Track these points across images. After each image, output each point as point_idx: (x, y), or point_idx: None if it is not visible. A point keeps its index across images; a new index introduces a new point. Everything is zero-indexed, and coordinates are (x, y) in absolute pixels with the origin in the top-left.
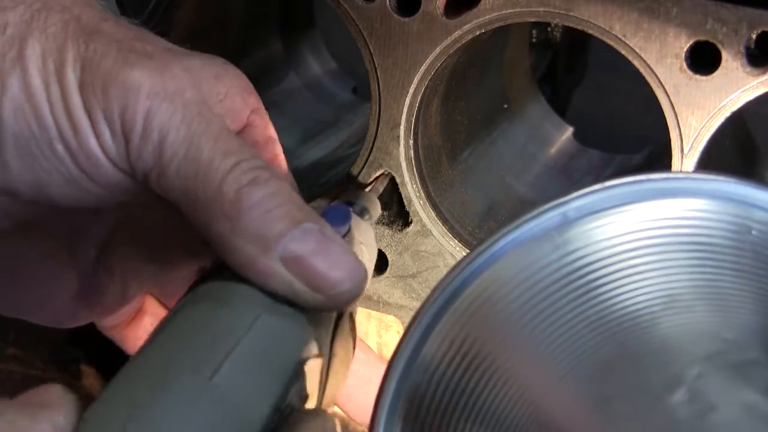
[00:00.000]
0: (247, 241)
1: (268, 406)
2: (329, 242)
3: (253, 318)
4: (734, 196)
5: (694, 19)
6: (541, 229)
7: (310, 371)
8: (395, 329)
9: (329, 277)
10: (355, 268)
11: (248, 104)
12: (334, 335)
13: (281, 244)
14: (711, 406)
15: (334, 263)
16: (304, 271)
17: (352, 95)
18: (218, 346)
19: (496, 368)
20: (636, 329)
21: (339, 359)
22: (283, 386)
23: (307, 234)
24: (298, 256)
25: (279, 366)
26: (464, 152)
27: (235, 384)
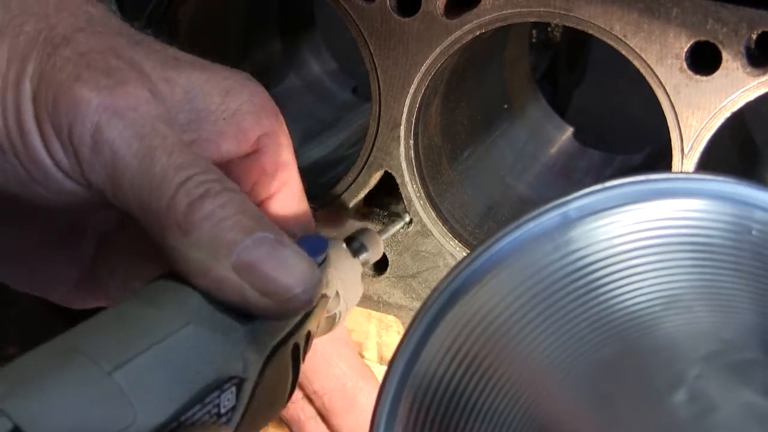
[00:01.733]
0: (199, 250)
1: (163, 415)
2: (282, 248)
3: (179, 325)
4: (734, 196)
5: (695, 19)
6: (542, 229)
7: (230, 392)
8: (395, 329)
9: (280, 281)
10: (308, 274)
11: (262, 125)
12: (268, 363)
13: (234, 252)
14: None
15: (285, 268)
16: (254, 277)
17: (352, 95)
18: (130, 345)
19: (497, 368)
20: (636, 329)
21: (268, 388)
22: (187, 400)
23: (260, 242)
24: (250, 263)
25: (191, 378)
26: (464, 152)
27: (135, 385)
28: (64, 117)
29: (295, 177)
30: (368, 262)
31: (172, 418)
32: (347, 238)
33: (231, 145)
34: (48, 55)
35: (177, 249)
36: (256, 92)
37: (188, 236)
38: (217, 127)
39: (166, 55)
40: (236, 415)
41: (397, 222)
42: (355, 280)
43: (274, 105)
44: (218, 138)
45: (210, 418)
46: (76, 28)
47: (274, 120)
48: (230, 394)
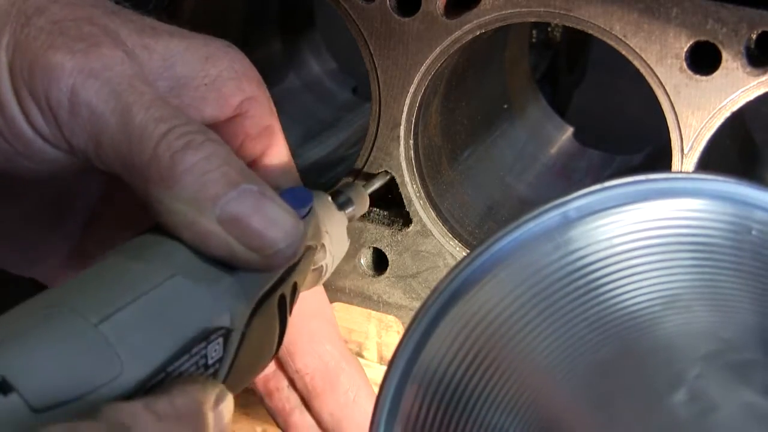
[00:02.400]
0: (183, 203)
1: (150, 366)
2: (267, 201)
3: (164, 277)
4: (734, 196)
5: (695, 19)
6: (542, 229)
7: (217, 343)
8: (395, 329)
9: (265, 235)
10: (292, 228)
11: (243, 91)
12: (255, 314)
13: (218, 205)
14: (711, 405)
15: (270, 222)
16: (240, 231)
17: (352, 95)
18: (116, 297)
19: (497, 368)
20: (636, 329)
21: (255, 340)
22: (174, 351)
23: (245, 194)
24: (235, 216)
25: (177, 329)
26: (464, 152)
27: (121, 337)
28: (40, 83)
29: (280, 138)
30: (354, 216)
31: (159, 369)
32: (332, 192)
33: (213, 110)
34: (21, 25)
35: (161, 202)
36: (237, 59)
37: (172, 189)
38: (198, 93)
39: (144, 24)
40: (223, 366)
41: (380, 177)
42: (341, 233)
43: (255, 71)
44: (200, 103)
45: (197, 369)
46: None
47: (256, 85)
48: (217, 345)
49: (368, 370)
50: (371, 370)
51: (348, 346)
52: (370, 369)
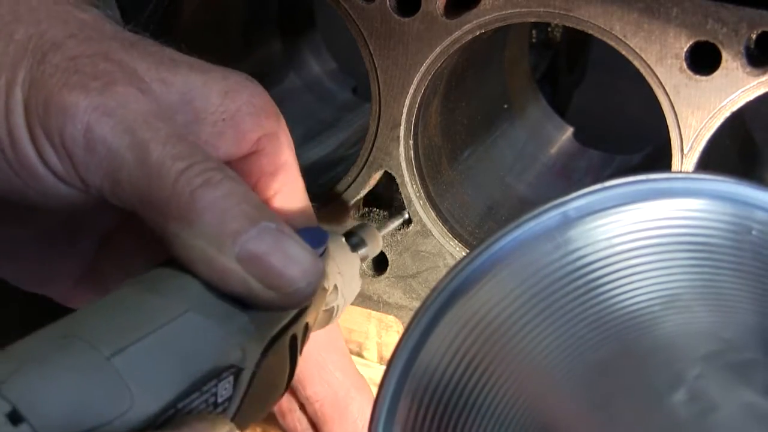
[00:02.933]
0: (203, 240)
1: (160, 402)
2: (286, 239)
3: (179, 312)
4: (734, 196)
5: (694, 19)
6: (542, 229)
7: (228, 381)
8: (395, 329)
9: (285, 274)
10: (311, 266)
11: (262, 127)
12: (266, 353)
13: (238, 243)
14: (711, 406)
15: (290, 260)
16: (259, 269)
17: (352, 95)
18: (130, 330)
19: (496, 368)
20: (636, 329)
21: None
22: (185, 387)
23: (264, 232)
24: (254, 254)
25: (189, 365)
26: (464, 152)
27: (133, 371)
28: (54, 121)
29: (297, 177)
30: (367, 257)
31: (169, 405)
32: (346, 233)
33: (230, 146)
34: (38, 62)
35: (180, 237)
36: (256, 93)
37: (192, 226)
38: (216, 129)
39: (162, 57)
40: (233, 404)
41: (396, 218)
42: (353, 275)
43: (275, 105)
44: (217, 140)
45: (207, 407)
46: (67, 35)
47: (275, 121)
48: (227, 384)
49: (368, 370)
50: (371, 370)
51: (348, 346)
52: (370, 369)
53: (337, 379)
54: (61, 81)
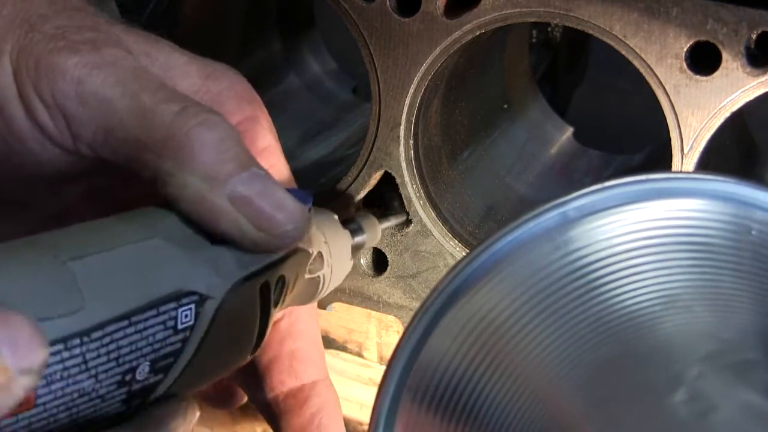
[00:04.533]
0: (198, 178)
1: (112, 311)
2: (274, 187)
3: (145, 237)
4: (734, 196)
5: (695, 19)
6: (541, 229)
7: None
8: (395, 329)
9: (274, 216)
10: (298, 211)
11: (243, 110)
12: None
13: (230, 183)
14: (711, 406)
15: (278, 204)
16: (251, 210)
17: (352, 95)
18: (92, 245)
19: (496, 368)
20: (636, 329)
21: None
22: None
23: (255, 177)
24: (246, 196)
25: (146, 283)
26: (464, 152)
27: (88, 278)
28: (45, 80)
29: (281, 160)
30: (363, 244)
31: (121, 316)
32: (345, 219)
33: None
34: (26, 32)
35: (175, 177)
36: (237, 80)
37: (189, 164)
38: None
39: (147, 36)
40: (194, 335)
41: (398, 216)
42: (342, 252)
43: (256, 93)
44: None
45: (165, 329)
46: (54, 10)
47: (257, 106)
48: (188, 311)
49: (368, 370)
50: (371, 370)
51: (348, 346)
52: (370, 369)
53: (306, 371)
54: (50, 46)
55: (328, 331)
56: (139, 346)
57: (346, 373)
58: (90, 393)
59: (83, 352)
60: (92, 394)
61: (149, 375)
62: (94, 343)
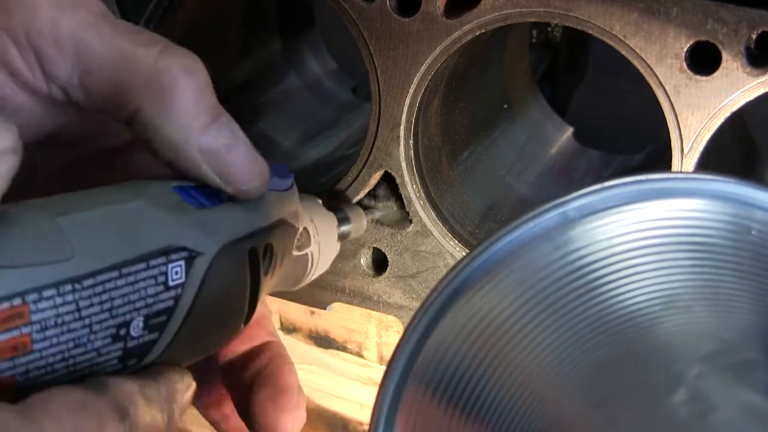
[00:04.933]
0: (174, 126)
1: (101, 261)
2: (240, 141)
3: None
4: (734, 196)
5: (694, 19)
6: (542, 229)
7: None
8: (395, 329)
9: (241, 171)
10: (263, 167)
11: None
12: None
13: (202, 135)
14: (711, 406)
15: (245, 160)
16: (217, 163)
17: (352, 95)
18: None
19: (496, 368)
20: (636, 329)
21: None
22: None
23: (222, 128)
24: (215, 148)
25: (135, 238)
26: (464, 152)
27: (76, 230)
28: (18, 19)
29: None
30: (349, 233)
31: (111, 266)
32: (333, 208)
33: None
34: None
35: (151, 122)
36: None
37: (169, 109)
38: None
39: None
40: (186, 293)
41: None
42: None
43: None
44: None
45: (156, 285)
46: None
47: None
48: (179, 268)
49: (368, 370)
50: (371, 370)
51: (348, 346)
52: (370, 369)
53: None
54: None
55: (328, 331)
56: (132, 299)
57: (346, 373)
58: (85, 344)
59: (76, 300)
60: (87, 346)
61: (143, 332)
62: (86, 291)
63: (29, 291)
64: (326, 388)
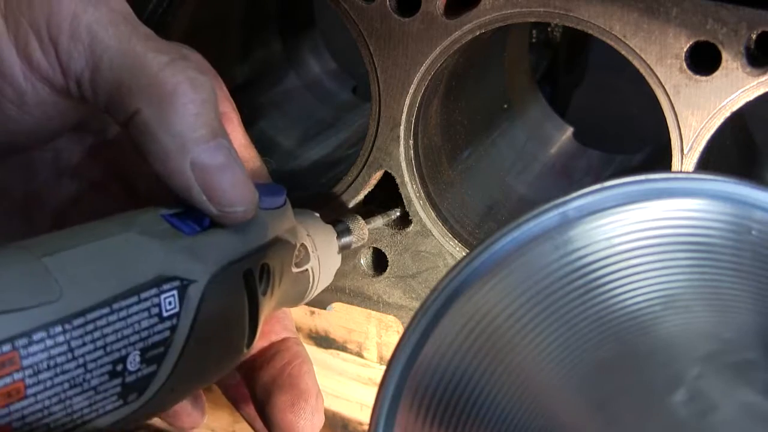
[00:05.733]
0: (169, 134)
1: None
2: (235, 164)
3: (120, 231)
4: (734, 196)
5: (694, 19)
6: (541, 229)
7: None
8: (395, 329)
9: (228, 192)
10: (252, 194)
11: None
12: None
13: (197, 149)
14: (711, 406)
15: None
16: (207, 181)
17: (352, 95)
18: (66, 240)
19: (496, 368)
20: (636, 329)
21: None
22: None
23: (220, 149)
24: (207, 165)
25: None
26: (464, 152)
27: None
28: (39, 11)
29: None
30: (350, 244)
31: (101, 303)
32: (333, 220)
33: None
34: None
35: (148, 126)
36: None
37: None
38: None
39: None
40: (182, 323)
41: (386, 215)
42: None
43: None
44: None
45: (150, 317)
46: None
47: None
48: (172, 298)
49: (368, 370)
50: (371, 370)
51: (348, 346)
52: (370, 369)
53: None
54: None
55: (328, 331)
56: (125, 334)
57: (346, 373)
58: (81, 384)
59: (67, 340)
60: (84, 385)
61: (141, 366)
62: (77, 330)
63: (18, 336)
64: (326, 388)
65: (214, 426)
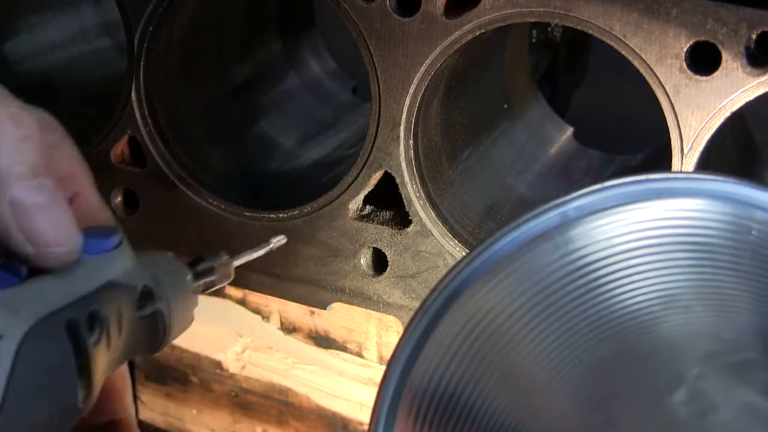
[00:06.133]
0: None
1: None
2: (56, 205)
3: None
4: (734, 196)
5: (694, 19)
6: (541, 229)
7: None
8: (395, 329)
9: (48, 233)
10: (75, 235)
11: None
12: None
13: (16, 187)
14: (711, 406)
15: (55, 224)
16: (25, 221)
17: (352, 95)
18: None
19: (496, 368)
20: (636, 329)
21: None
22: None
23: (42, 189)
24: (26, 205)
25: None
26: (464, 152)
27: None
28: None
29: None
30: (213, 284)
31: None
32: (193, 261)
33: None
34: None
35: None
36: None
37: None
38: None
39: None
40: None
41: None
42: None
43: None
44: None
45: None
46: None
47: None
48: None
49: (368, 370)
50: (371, 370)
51: (348, 346)
52: (370, 369)
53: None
54: None
55: (328, 331)
56: None
57: (346, 373)
58: None
59: None
60: None
61: None
62: None
63: None
64: (326, 388)
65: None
